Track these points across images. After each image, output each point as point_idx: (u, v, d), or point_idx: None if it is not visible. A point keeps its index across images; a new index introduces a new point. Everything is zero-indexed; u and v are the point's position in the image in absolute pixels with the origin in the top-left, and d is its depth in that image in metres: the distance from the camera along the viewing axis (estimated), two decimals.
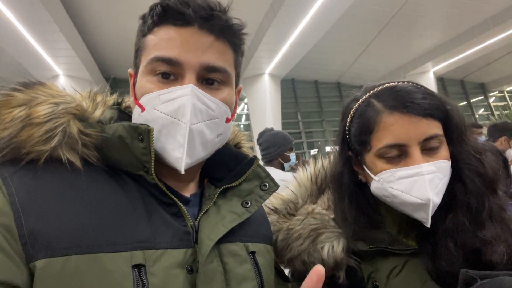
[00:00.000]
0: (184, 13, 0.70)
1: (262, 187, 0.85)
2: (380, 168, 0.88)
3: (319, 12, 8.27)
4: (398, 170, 0.85)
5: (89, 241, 0.60)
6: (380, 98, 0.90)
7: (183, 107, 0.69)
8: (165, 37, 0.72)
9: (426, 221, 0.84)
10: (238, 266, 0.75)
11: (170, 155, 0.70)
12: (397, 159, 0.86)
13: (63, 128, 0.65)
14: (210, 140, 0.74)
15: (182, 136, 0.68)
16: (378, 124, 0.87)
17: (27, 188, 0.61)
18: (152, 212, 0.69)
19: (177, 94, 0.70)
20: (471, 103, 17.22)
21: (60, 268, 0.56)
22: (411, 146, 0.84)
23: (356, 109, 0.94)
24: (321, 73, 14.93)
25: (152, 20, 0.74)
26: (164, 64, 0.71)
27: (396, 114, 0.85)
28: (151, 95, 0.71)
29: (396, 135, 0.85)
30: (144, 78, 0.74)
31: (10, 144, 0.62)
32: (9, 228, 0.57)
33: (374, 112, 0.89)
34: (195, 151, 0.72)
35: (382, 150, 0.86)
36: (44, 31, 8.03)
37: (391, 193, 0.87)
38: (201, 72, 0.73)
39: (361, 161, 0.95)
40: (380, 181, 0.89)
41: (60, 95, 0.70)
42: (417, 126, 0.84)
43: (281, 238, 0.98)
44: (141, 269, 0.62)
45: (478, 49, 12.06)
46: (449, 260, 0.81)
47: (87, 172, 0.67)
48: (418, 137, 0.84)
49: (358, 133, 0.93)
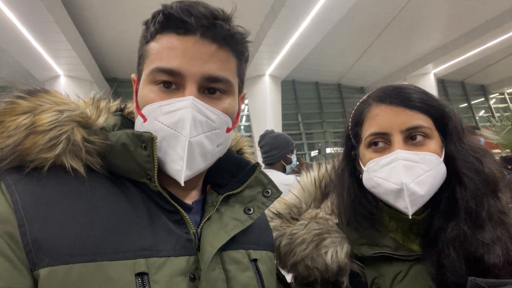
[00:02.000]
0: (186, 21, 0.69)
1: (264, 194, 0.84)
2: (367, 158, 0.92)
3: (319, 14, 8.28)
4: (381, 158, 0.88)
5: (93, 249, 0.59)
6: (373, 94, 0.96)
7: (182, 120, 0.68)
8: (167, 45, 0.71)
9: (406, 210, 0.84)
10: (240, 274, 0.75)
11: (171, 167, 0.70)
12: (381, 148, 0.90)
13: (67, 136, 0.65)
14: (210, 151, 0.73)
15: (181, 149, 0.68)
16: (366, 116, 0.94)
17: (31, 196, 0.61)
18: (155, 220, 0.69)
19: (178, 106, 0.69)
20: (472, 104, 17.24)
21: (64, 276, 0.56)
22: (393, 135, 0.88)
23: (355, 109, 0.99)
24: (321, 75, 14.95)
25: (154, 28, 0.73)
26: (165, 74, 0.71)
27: (382, 105, 0.91)
28: (153, 105, 0.71)
29: (379, 124, 0.90)
30: (146, 87, 0.73)
31: (15, 152, 0.62)
32: (13, 236, 0.57)
33: (365, 105, 0.95)
34: (195, 163, 0.71)
35: (368, 138, 0.92)
36: (45, 32, 8.05)
37: (376, 182, 0.89)
38: (203, 82, 0.72)
39: (357, 156, 0.98)
40: (368, 171, 0.92)
41: (64, 103, 0.70)
42: (400, 115, 0.88)
43: (284, 243, 0.98)
44: (144, 277, 0.62)
45: (479, 51, 12.09)
46: (453, 269, 0.81)
47: (91, 179, 0.67)
48: (400, 126, 0.87)
49: (352, 127, 0.98)
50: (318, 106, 15.66)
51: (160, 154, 0.70)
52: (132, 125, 0.83)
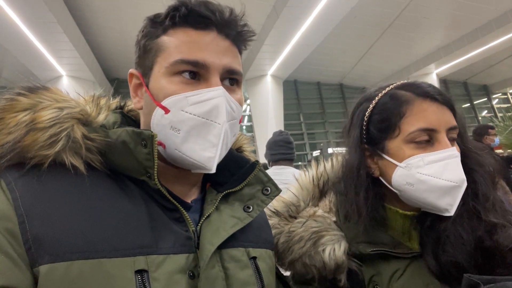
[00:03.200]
0: (208, 16, 0.72)
1: (264, 192, 0.85)
2: (408, 154, 0.88)
3: (321, 14, 8.28)
4: (428, 154, 0.86)
5: (93, 246, 0.60)
6: (406, 89, 0.93)
7: (217, 108, 0.70)
8: (187, 39, 0.72)
9: (450, 208, 0.85)
10: (240, 272, 0.75)
11: (201, 156, 0.70)
12: (425, 145, 0.88)
13: (67, 133, 0.65)
14: (230, 139, 0.76)
15: (215, 136, 0.70)
16: (411, 109, 0.89)
17: (31, 193, 0.61)
18: (155, 217, 0.70)
19: (209, 95, 0.70)
20: (474, 105, 17.18)
21: (64, 273, 0.57)
22: (440, 132, 0.87)
23: (377, 101, 0.95)
24: (323, 75, 14.93)
25: (172, 21, 0.73)
26: (190, 66, 0.71)
27: (428, 101, 0.89)
28: (178, 96, 0.71)
29: (429, 119, 0.87)
30: (165, 79, 0.73)
31: (15, 149, 0.62)
32: (13, 233, 0.57)
33: (404, 98, 0.91)
34: (223, 151, 0.73)
35: (414, 134, 0.88)
36: (48, 32, 8.08)
37: (418, 178, 0.86)
38: (224, 74, 0.74)
39: (382, 150, 0.94)
40: (407, 167, 0.88)
41: (64, 100, 0.70)
42: (445, 114, 0.89)
43: (282, 240, 0.98)
44: (143, 274, 0.62)
45: (482, 51, 12.05)
46: (453, 254, 0.83)
47: (91, 176, 0.67)
48: (446, 124, 0.88)
49: (382, 120, 0.93)
50: (320, 106, 15.65)
51: (187, 145, 0.70)
52: (133, 123, 0.83)
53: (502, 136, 6.77)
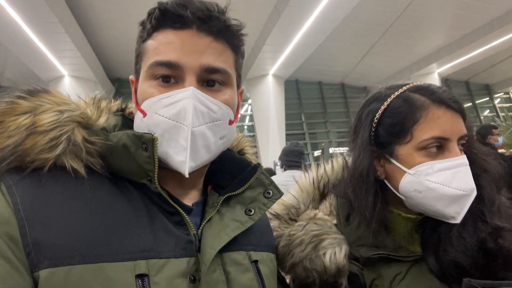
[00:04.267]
0: (182, 15, 0.70)
1: (265, 195, 0.84)
2: (418, 161, 0.87)
3: (323, 13, 8.27)
4: (438, 162, 0.85)
5: (93, 251, 0.59)
6: (421, 93, 0.90)
7: (184, 110, 0.68)
8: (164, 41, 0.72)
9: (457, 215, 0.84)
10: (241, 275, 0.74)
11: (174, 159, 0.70)
12: (435, 152, 0.87)
13: (67, 136, 0.65)
14: (213, 142, 0.73)
15: (184, 139, 0.68)
16: (425, 116, 0.87)
17: (31, 197, 0.61)
18: (155, 221, 0.69)
19: (178, 97, 0.69)
20: (476, 104, 17.13)
21: (64, 277, 0.56)
22: (452, 141, 0.86)
23: (389, 103, 0.93)
24: (325, 74, 14.91)
25: (151, 25, 0.73)
26: (164, 68, 0.71)
27: (443, 108, 0.87)
28: (152, 99, 0.71)
29: (443, 128, 0.86)
30: (145, 83, 0.73)
31: (15, 152, 0.62)
32: (13, 237, 0.57)
33: (419, 103, 0.89)
34: (198, 154, 0.71)
35: (427, 141, 0.86)
36: (50, 32, 8.09)
37: (427, 186, 0.85)
38: (202, 74, 0.72)
39: (390, 154, 0.92)
40: (416, 174, 0.87)
41: (64, 103, 0.70)
42: (458, 122, 0.88)
43: (282, 244, 0.97)
44: (144, 278, 0.62)
45: (483, 50, 12.02)
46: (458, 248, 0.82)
47: (91, 180, 0.67)
48: (458, 133, 0.87)
49: (393, 124, 0.91)
50: (321, 106, 15.63)
51: (162, 148, 0.70)
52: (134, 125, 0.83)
53: (504, 135, 6.75)
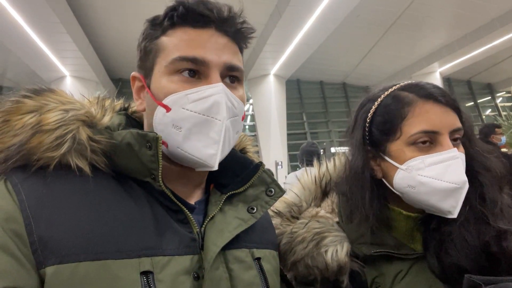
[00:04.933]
0: (205, 14, 0.72)
1: (268, 193, 0.84)
2: (409, 156, 0.87)
3: (324, 13, 8.26)
4: (429, 156, 0.85)
5: (98, 248, 0.60)
6: (409, 90, 0.91)
7: (217, 105, 0.70)
8: (185, 37, 0.73)
9: (453, 210, 0.84)
10: (244, 273, 0.75)
11: (202, 153, 0.70)
12: (426, 147, 0.87)
13: (72, 135, 0.65)
14: (233, 136, 0.76)
15: (216, 133, 0.70)
16: (412, 111, 0.88)
17: (37, 195, 0.61)
18: (159, 219, 0.70)
19: (209, 92, 0.70)
20: (478, 103, 17.10)
21: (70, 274, 0.57)
22: (443, 134, 0.86)
23: (379, 103, 0.94)
24: (326, 74, 14.91)
25: (169, 22, 0.74)
26: (189, 63, 0.71)
27: (431, 102, 0.87)
28: (178, 95, 0.71)
29: (431, 121, 0.86)
30: (165, 78, 0.73)
31: (21, 151, 0.62)
32: (20, 234, 0.57)
33: (407, 100, 0.90)
34: (225, 147, 0.73)
35: (416, 136, 0.87)
36: (51, 33, 8.11)
37: (419, 181, 0.85)
38: (224, 71, 0.74)
39: (383, 152, 0.93)
40: (408, 169, 0.87)
41: (69, 102, 0.70)
42: (448, 116, 0.87)
43: (284, 241, 0.98)
44: (149, 276, 0.62)
45: (485, 49, 11.99)
46: (461, 251, 0.82)
47: (96, 178, 0.67)
48: (449, 126, 0.86)
49: (384, 122, 0.92)
50: (323, 105, 15.61)
51: (189, 142, 0.71)
52: (137, 124, 0.83)
53: (506, 134, 6.72)
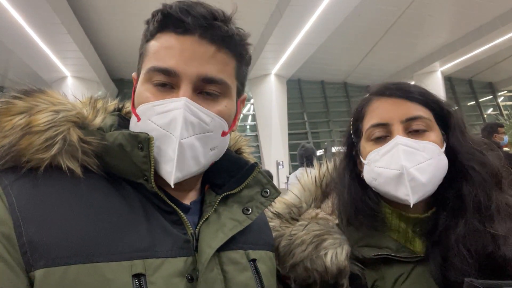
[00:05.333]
0: (184, 21, 0.69)
1: (263, 194, 0.84)
2: (368, 150, 0.93)
3: (325, 12, 8.26)
4: (382, 147, 0.89)
5: (89, 250, 0.59)
6: (372, 89, 0.98)
7: (174, 121, 0.68)
8: (165, 45, 0.71)
9: (408, 198, 0.83)
10: (239, 274, 0.74)
11: (162, 168, 0.70)
12: (383, 140, 0.90)
13: (63, 136, 0.64)
14: (203, 154, 0.73)
15: (172, 150, 0.68)
16: (367, 110, 0.96)
17: (27, 197, 0.60)
18: (152, 221, 0.69)
19: (170, 107, 0.69)
20: (480, 102, 17.08)
21: (60, 277, 0.56)
22: (393, 125, 0.89)
23: (356, 106, 1.01)
24: (327, 73, 14.91)
25: (154, 27, 0.73)
26: (161, 74, 0.70)
27: (382, 98, 0.93)
28: (147, 105, 0.71)
29: (379, 115, 0.91)
30: (143, 86, 0.73)
31: (10, 152, 0.62)
32: (9, 237, 0.57)
33: (365, 100, 0.98)
34: (186, 165, 0.70)
35: (368, 131, 0.93)
36: (52, 33, 8.13)
37: (377, 172, 0.89)
38: (198, 83, 0.72)
39: (358, 151, 0.98)
40: (368, 163, 0.92)
41: (60, 103, 0.69)
42: (400, 106, 0.90)
43: (283, 244, 0.97)
44: (141, 278, 0.61)
45: (487, 48, 11.98)
46: (462, 268, 0.80)
47: (87, 179, 0.66)
48: (400, 116, 0.89)
49: (353, 124, 1.00)
50: (324, 105, 15.62)
51: (155, 154, 0.70)
52: None
53: (508, 134, 6.71)
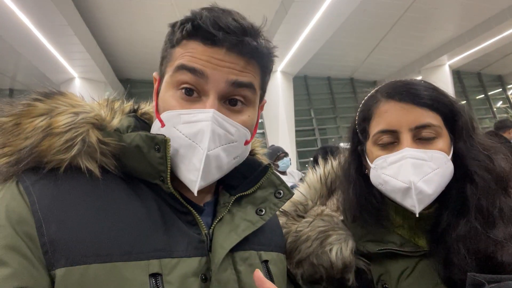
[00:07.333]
0: (214, 35, 0.70)
1: (276, 195, 0.85)
2: (375, 155, 0.91)
3: (330, 8, 8.19)
4: (390, 155, 0.88)
5: (108, 250, 0.61)
6: (381, 89, 0.94)
7: (202, 133, 0.69)
8: (193, 50, 0.72)
9: (414, 208, 0.84)
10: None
11: (185, 176, 0.71)
12: (391, 146, 0.89)
13: (82, 138, 0.66)
14: (226, 163, 0.74)
15: (198, 161, 0.68)
16: (374, 112, 0.93)
17: (48, 197, 0.62)
18: (168, 221, 0.71)
19: (198, 118, 0.70)
20: (489, 96, 16.80)
21: (80, 276, 0.58)
22: (402, 133, 0.87)
23: (362, 103, 0.98)
24: (334, 69, 14.79)
25: (181, 34, 0.73)
26: (188, 73, 0.71)
27: (391, 101, 0.89)
28: (173, 113, 0.72)
29: (388, 121, 0.89)
30: (168, 92, 0.74)
31: (32, 154, 0.64)
32: (31, 236, 0.59)
33: (374, 101, 0.94)
34: (210, 175, 0.72)
35: (376, 136, 0.91)
36: (59, 35, 8.17)
37: (383, 179, 0.89)
38: (227, 89, 0.72)
39: (364, 151, 0.97)
40: (375, 168, 0.91)
41: (79, 105, 0.72)
42: (409, 113, 0.87)
43: (289, 240, 0.98)
44: (157, 277, 0.63)
45: (495, 41, 11.77)
46: (461, 266, 0.81)
47: (105, 180, 0.68)
48: (409, 124, 0.86)
49: (360, 123, 0.97)
50: (331, 101, 15.51)
51: (176, 160, 0.71)
52: (146, 126, 0.84)
53: None
